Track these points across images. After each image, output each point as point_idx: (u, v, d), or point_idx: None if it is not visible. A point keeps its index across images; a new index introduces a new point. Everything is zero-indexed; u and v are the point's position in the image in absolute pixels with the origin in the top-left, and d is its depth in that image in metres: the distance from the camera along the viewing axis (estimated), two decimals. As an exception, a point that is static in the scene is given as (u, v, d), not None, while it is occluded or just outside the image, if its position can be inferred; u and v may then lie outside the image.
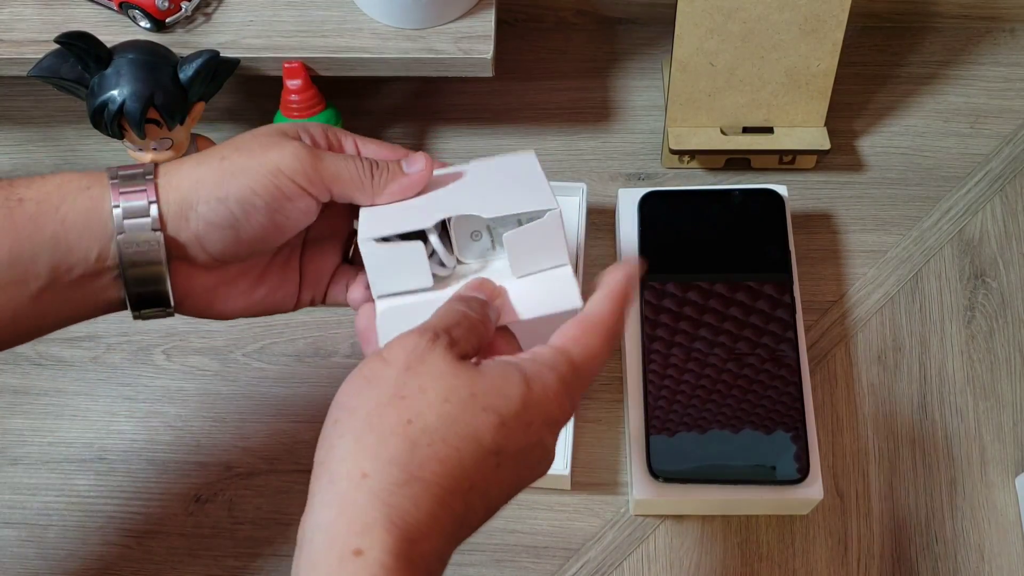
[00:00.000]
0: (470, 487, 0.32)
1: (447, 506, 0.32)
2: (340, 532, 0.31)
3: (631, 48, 0.71)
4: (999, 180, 0.65)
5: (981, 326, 0.60)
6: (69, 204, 0.38)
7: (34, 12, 0.59)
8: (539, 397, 0.34)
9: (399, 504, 0.31)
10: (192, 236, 0.39)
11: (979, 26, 0.71)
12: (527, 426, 0.34)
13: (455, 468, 0.32)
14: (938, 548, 0.54)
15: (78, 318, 0.41)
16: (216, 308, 0.43)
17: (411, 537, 0.31)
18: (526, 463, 0.35)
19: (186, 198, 0.39)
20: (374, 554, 0.30)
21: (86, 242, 0.38)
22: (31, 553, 0.56)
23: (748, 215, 0.60)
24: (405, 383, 0.33)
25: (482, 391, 0.33)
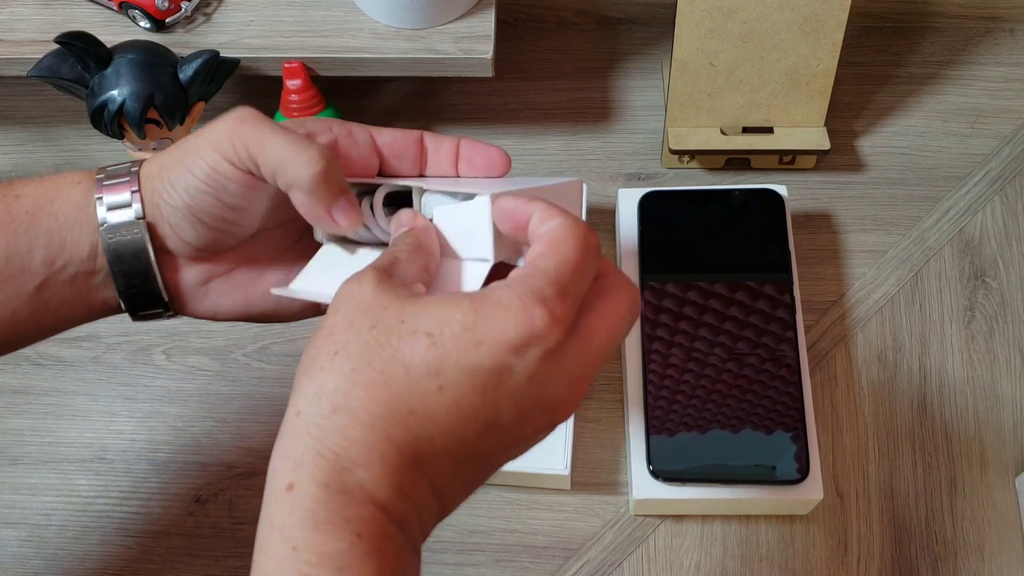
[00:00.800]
0: (408, 412, 0.30)
1: (382, 433, 0.30)
2: (276, 469, 0.31)
3: (631, 48, 0.71)
4: (999, 180, 0.65)
5: (981, 326, 0.60)
6: (62, 199, 0.39)
7: (34, 12, 0.59)
8: (489, 314, 0.30)
9: (326, 435, 0.30)
10: (167, 226, 0.39)
11: (979, 26, 0.71)
12: (474, 345, 0.30)
13: (382, 392, 0.30)
14: (938, 548, 0.54)
15: (76, 320, 0.41)
16: (212, 304, 0.41)
17: (342, 466, 0.30)
18: (492, 390, 0.31)
19: (155, 187, 0.39)
20: (304, 486, 0.30)
21: (77, 236, 0.39)
22: (31, 553, 0.56)
23: (748, 215, 0.60)
24: (335, 322, 0.32)
25: (412, 314, 0.31)
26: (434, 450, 0.31)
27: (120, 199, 0.38)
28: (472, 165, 0.41)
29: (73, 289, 0.39)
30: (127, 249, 0.39)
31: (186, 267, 0.40)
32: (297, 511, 0.30)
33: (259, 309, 0.42)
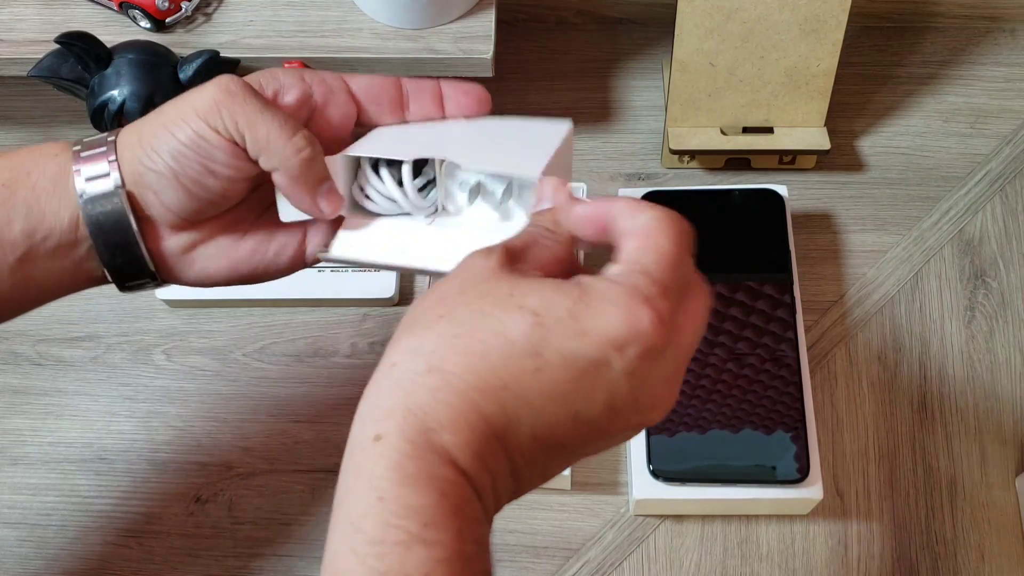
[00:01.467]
0: (502, 386, 0.30)
1: (473, 403, 0.30)
2: (365, 418, 0.31)
3: (631, 48, 0.71)
4: (999, 180, 0.65)
5: (981, 326, 0.60)
6: (40, 170, 0.39)
7: (34, 12, 0.59)
8: (596, 306, 0.30)
9: (417, 393, 0.30)
10: (150, 193, 0.39)
11: (979, 26, 0.71)
12: (578, 334, 0.30)
13: (479, 362, 0.30)
14: (938, 548, 0.54)
15: (61, 291, 0.41)
16: (199, 270, 0.41)
17: (429, 426, 0.30)
18: (588, 381, 0.31)
19: (135, 155, 0.38)
20: (391, 439, 0.29)
21: (56, 207, 0.38)
22: (31, 553, 0.56)
23: (748, 215, 0.60)
24: (448, 288, 0.32)
25: (522, 292, 0.31)
26: (520, 429, 0.31)
27: (98, 169, 0.38)
28: (459, 104, 0.42)
29: (56, 261, 0.39)
30: (108, 219, 0.39)
31: (169, 235, 0.40)
32: (384, 462, 0.29)
33: (246, 269, 0.42)
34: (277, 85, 0.40)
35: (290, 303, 0.62)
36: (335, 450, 0.58)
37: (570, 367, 0.30)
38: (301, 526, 0.56)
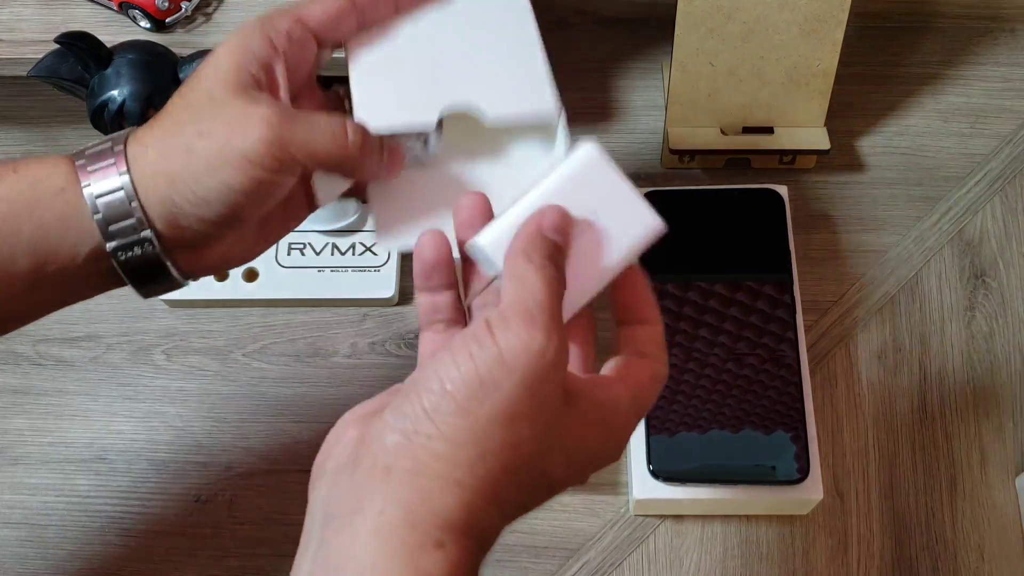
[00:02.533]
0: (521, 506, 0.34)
1: (510, 518, 0.33)
2: (421, 521, 0.30)
3: (631, 48, 0.71)
4: (999, 180, 0.65)
5: (981, 326, 0.60)
6: (44, 207, 0.36)
7: (34, 12, 0.59)
8: (606, 453, 0.35)
9: (482, 520, 0.31)
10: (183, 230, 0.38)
11: (979, 26, 0.71)
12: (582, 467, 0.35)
13: (526, 495, 0.33)
14: (938, 548, 0.54)
15: (77, 299, 0.40)
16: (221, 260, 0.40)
17: (484, 545, 0.32)
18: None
19: (165, 196, 0.37)
20: (458, 554, 0.30)
21: (70, 244, 0.37)
22: (31, 553, 0.56)
23: (748, 215, 0.60)
24: (521, 400, 0.31)
25: (570, 433, 0.33)
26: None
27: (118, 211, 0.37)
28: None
29: (71, 277, 0.38)
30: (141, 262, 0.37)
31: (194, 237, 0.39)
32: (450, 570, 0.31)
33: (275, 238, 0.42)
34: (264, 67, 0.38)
35: (290, 303, 0.62)
36: (335, 450, 0.58)
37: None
38: (301, 526, 0.56)
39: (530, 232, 0.34)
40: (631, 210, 0.35)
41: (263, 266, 0.62)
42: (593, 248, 0.35)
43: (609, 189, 0.35)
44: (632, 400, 0.35)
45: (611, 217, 0.35)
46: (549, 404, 0.32)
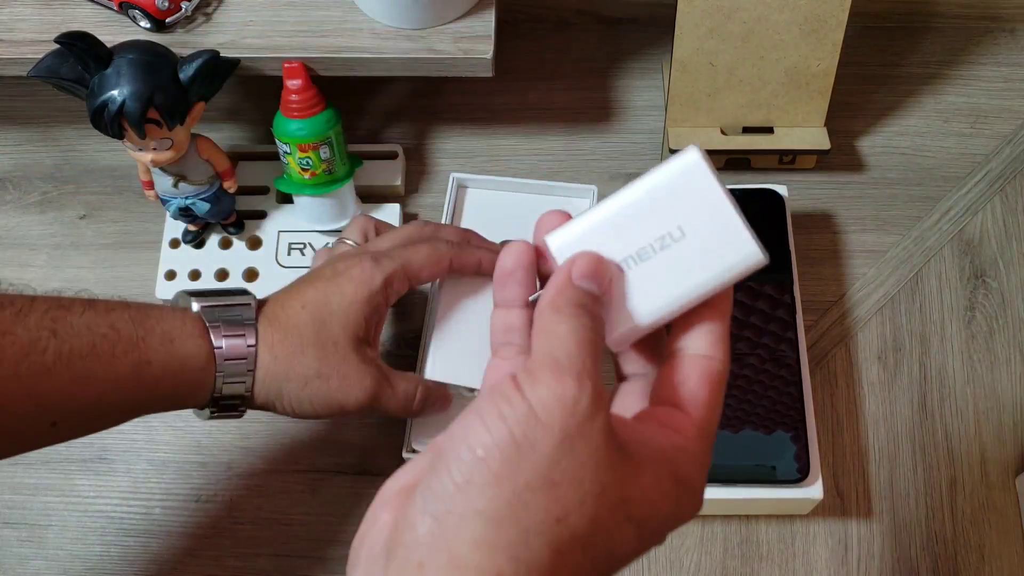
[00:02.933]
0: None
1: None
2: None
3: (631, 48, 0.71)
4: (999, 180, 0.65)
5: (981, 326, 0.60)
6: (187, 375, 0.44)
7: (34, 12, 0.59)
8: (683, 510, 0.31)
9: None
10: (269, 403, 0.47)
11: (979, 26, 0.71)
12: (661, 533, 0.31)
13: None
14: (938, 548, 0.54)
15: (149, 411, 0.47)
16: (285, 406, 0.47)
17: None
18: None
19: (280, 390, 0.46)
20: None
21: (193, 401, 0.45)
22: (31, 553, 0.56)
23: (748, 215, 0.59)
24: (560, 461, 0.27)
25: (634, 497, 0.28)
26: None
27: (236, 388, 0.45)
28: None
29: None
30: (225, 414, 0.47)
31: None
32: None
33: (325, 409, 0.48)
34: (376, 324, 0.49)
35: (290, 303, 0.62)
36: (335, 450, 0.59)
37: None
38: (301, 526, 0.56)
39: (559, 283, 0.31)
40: (730, 233, 0.31)
41: (263, 266, 0.62)
42: (675, 266, 0.31)
43: (708, 204, 0.31)
44: (698, 425, 0.31)
45: (705, 236, 0.31)
46: (596, 462, 0.28)
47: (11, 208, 0.67)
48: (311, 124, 0.58)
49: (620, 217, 0.31)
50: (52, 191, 0.67)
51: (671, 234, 0.31)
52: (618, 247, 0.31)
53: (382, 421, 0.58)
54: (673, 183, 0.31)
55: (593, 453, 0.28)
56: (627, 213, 0.31)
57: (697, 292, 0.31)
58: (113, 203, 0.67)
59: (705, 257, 0.31)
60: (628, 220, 0.31)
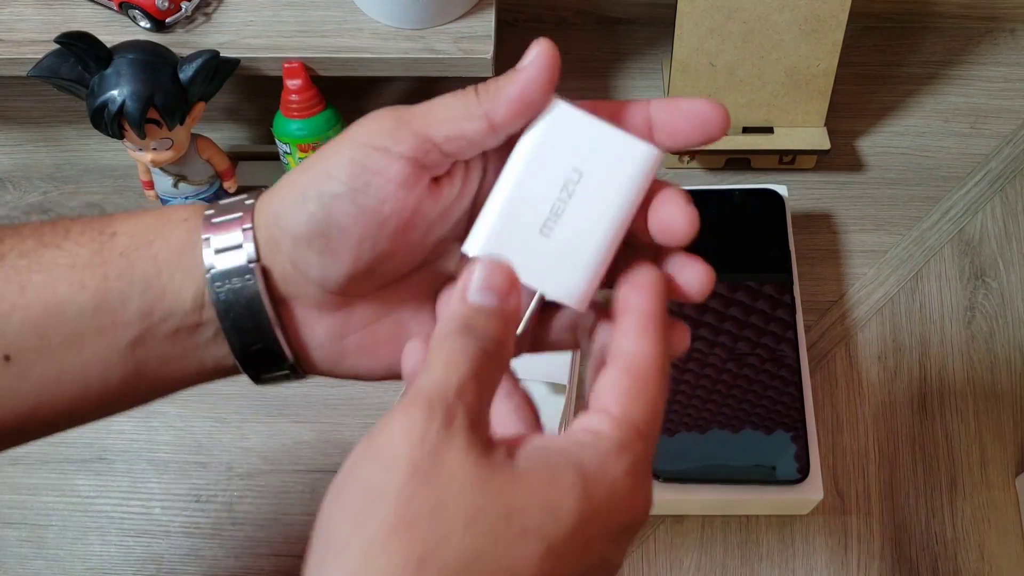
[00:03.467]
0: None
1: None
2: None
3: (631, 48, 0.71)
4: (999, 180, 0.65)
5: (981, 326, 0.60)
6: (163, 239, 0.32)
7: (34, 12, 0.59)
8: (604, 504, 0.26)
9: None
10: (288, 264, 0.32)
11: (979, 26, 0.71)
12: (586, 546, 0.26)
13: None
14: (938, 548, 0.54)
15: (182, 383, 0.34)
16: (352, 366, 0.34)
17: None
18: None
19: (273, 216, 0.32)
20: None
21: (179, 283, 0.32)
22: (31, 553, 0.56)
23: (748, 215, 0.60)
24: (413, 499, 0.24)
25: (521, 507, 0.25)
26: None
27: (230, 239, 0.32)
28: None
29: (176, 346, 0.33)
30: (239, 299, 0.32)
31: (314, 319, 0.33)
32: None
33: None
34: None
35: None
36: (335, 450, 0.59)
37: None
38: (302, 526, 0.56)
39: (451, 308, 0.29)
40: (618, 147, 0.31)
41: (263, 266, 0.62)
42: (589, 202, 0.30)
43: (588, 135, 0.31)
44: (617, 417, 0.27)
45: (599, 162, 0.31)
46: (459, 486, 0.25)
47: (11, 208, 0.67)
48: (311, 124, 0.58)
49: (520, 189, 0.31)
50: (52, 191, 0.67)
51: (571, 179, 0.31)
52: (533, 218, 0.31)
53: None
54: (549, 134, 0.31)
55: (452, 478, 0.25)
56: (524, 183, 0.31)
57: (622, 213, 0.31)
58: (113, 203, 0.67)
59: (610, 179, 0.31)
60: (529, 188, 0.31)
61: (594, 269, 0.31)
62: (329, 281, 0.31)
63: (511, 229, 0.30)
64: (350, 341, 0.33)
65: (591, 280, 0.30)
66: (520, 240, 0.30)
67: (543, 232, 0.30)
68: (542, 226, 0.30)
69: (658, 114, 0.32)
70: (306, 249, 0.31)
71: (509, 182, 0.31)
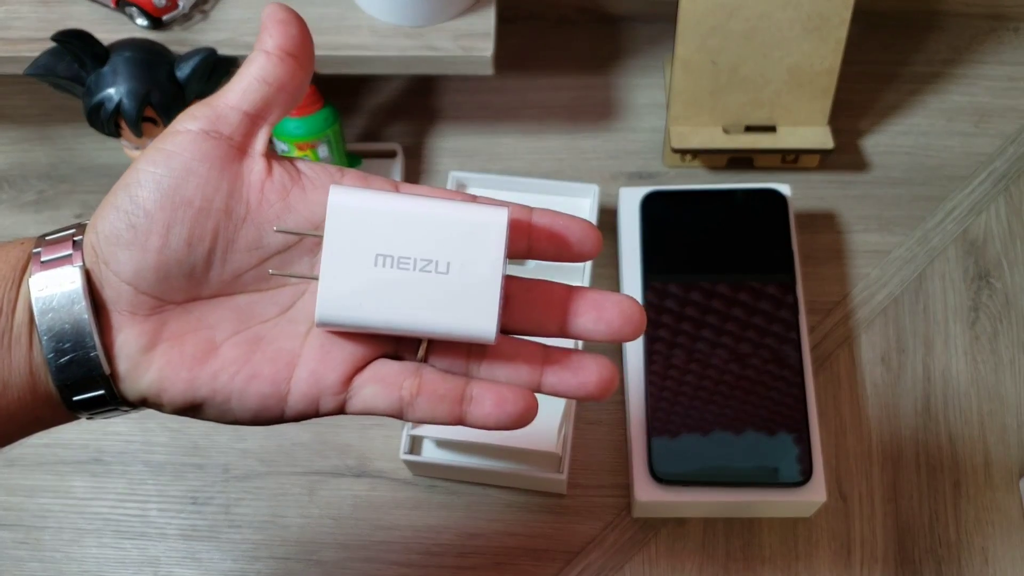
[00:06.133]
0: None
1: None
2: None
3: (633, 46, 0.71)
4: (1003, 180, 0.65)
5: (985, 327, 0.60)
6: (2, 259, 0.32)
7: (31, 10, 0.59)
8: None
9: None
10: (102, 265, 0.31)
11: (984, 25, 0.71)
12: None
13: None
14: (942, 551, 0.54)
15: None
16: (157, 379, 0.32)
17: None
18: None
19: (92, 226, 0.32)
20: None
21: (9, 297, 0.31)
22: (27, 555, 0.55)
23: (751, 215, 0.59)
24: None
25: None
26: None
27: (59, 253, 0.32)
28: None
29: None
30: (59, 301, 0.31)
31: (126, 324, 0.32)
32: None
33: (205, 392, 0.32)
34: None
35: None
36: (333, 452, 0.58)
37: None
38: (299, 528, 0.55)
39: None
40: (483, 301, 0.31)
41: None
42: (419, 293, 0.31)
43: (483, 265, 0.31)
44: None
45: (461, 287, 0.31)
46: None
47: (6, 207, 0.66)
48: (309, 122, 0.58)
49: (407, 217, 0.31)
50: (48, 190, 0.67)
51: (438, 265, 0.31)
52: (384, 240, 0.31)
53: (381, 424, 0.57)
54: (471, 223, 0.31)
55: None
56: (415, 218, 0.31)
57: (419, 328, 0.31)
58: (110, 202, 0.66)
59: (449, 304, 0.31)
60: (411, 225, 0.31)
61: (351, 324, 0.32)
62: (139, 277, 0.31)
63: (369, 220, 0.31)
64: (158, 352, 0.32)
65: (343, 322, 0.32)
66: None
67: (375, 257, 0.31)
68: (379, 253, 0.31)
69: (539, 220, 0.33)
70: (115, 244, 0.31)
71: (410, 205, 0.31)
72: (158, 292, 0.31)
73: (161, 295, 0.32)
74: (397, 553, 0.54)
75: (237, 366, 0.32)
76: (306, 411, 0.32)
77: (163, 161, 0.31)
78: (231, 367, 0.32)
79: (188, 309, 0.32)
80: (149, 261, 0.31)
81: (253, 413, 0.32)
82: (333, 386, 0.32)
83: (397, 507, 0.55)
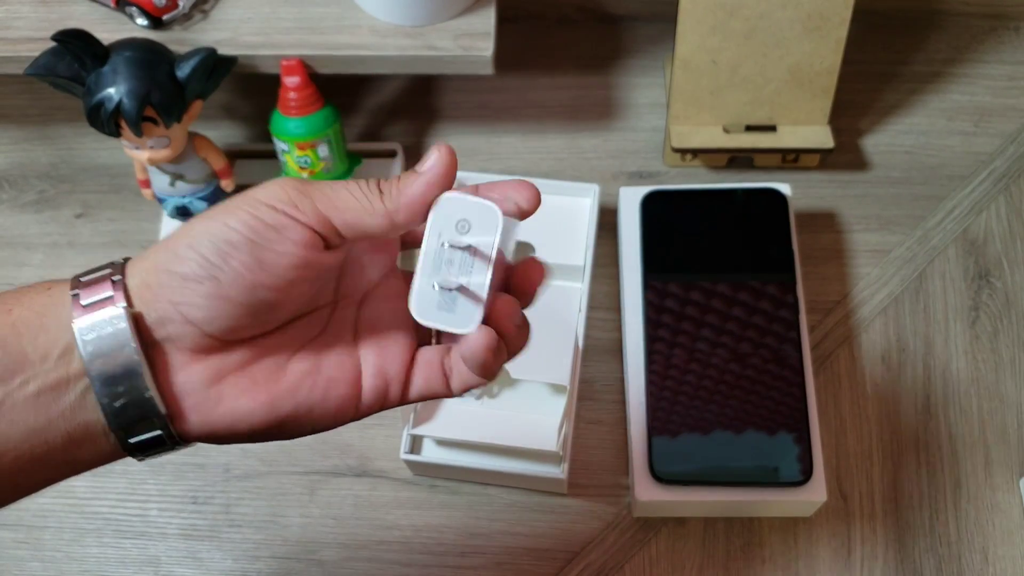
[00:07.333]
0: None
1: None
2: None
3: (633, 45, 0.71)
4: (1004, 179, 0.65)
5: (985, 326, 0.60)
6: (23, 305, 0.32)
7: (31, 10, 0.59)
8: None
9: None
10: (167, 304, 0.32)
11: (984, 24, 0.71)
12: None
13: None
14: (942, 550, 0.54)
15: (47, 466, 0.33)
16: (229, 411, 0.33)
17: None
18: None
19: (152, 264, 0.32)
20: None
21: (42, 343, 0.31)
22: (27, 555, 0.55)
23: (751, 214, 0.59)
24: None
25: None
26: None
27: (100, 292, 0.32)
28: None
29: (39, 413, 0.31)
30: (107, 344, 0.31)
31: (188, 362, 0.32)
32: None
33: (288, 408, 0.34)
34: None
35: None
36: (333, 451, 0.58)
37: None
38: (299, 528, 0.55)
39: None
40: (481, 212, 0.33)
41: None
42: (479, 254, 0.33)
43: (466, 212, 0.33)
44: None
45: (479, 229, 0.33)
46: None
47: (7, 207, 0.66)
48: (309, 122, 0.58)
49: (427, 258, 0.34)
50: (49, 190, 0.67)
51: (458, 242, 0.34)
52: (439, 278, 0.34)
53: (381, 424, 0.57)
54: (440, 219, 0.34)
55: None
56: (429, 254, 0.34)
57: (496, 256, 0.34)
58: (110, 202, 0.66)
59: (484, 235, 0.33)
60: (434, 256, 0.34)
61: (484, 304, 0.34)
62: (213, 324, 0.32)
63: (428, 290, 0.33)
64: (226, 384, 0.33)
65: (481, 311, 0.33)
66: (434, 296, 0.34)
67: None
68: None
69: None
70: (194, 290, 0.31)
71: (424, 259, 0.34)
72: (226, 336, 0.32)
73: (228, 338, 0.33)
74: (398, 553, 0.54)
75: (312, 378, 0.34)
76: (374, 404, 0.35)
77: (265, 234, 0.32)
78: (307, 380, 0.34)
79: (251, 341, 0.34)
80: (227, 313, 0.32)
81: (333, 417, 0.34)
82: (397, 376, 0.35)
83: (398, 507, 0.55)
